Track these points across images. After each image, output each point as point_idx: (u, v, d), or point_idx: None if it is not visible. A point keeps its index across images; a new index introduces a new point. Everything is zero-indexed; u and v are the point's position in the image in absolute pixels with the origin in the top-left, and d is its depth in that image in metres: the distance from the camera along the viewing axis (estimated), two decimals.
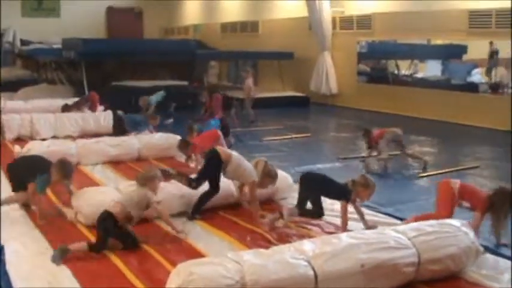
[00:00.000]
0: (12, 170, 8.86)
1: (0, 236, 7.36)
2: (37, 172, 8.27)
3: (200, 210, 8.48)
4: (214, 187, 8.54)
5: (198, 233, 7.84)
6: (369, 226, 7.83)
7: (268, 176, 8.51)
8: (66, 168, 8.40)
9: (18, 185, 8.64)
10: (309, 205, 8.50)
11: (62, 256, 6.80)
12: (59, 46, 24.09)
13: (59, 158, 8.73)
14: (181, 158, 12.25)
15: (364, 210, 8.49)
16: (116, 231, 7.23)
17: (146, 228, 7.89)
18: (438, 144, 15.46)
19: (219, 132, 12.14)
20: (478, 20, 17.85)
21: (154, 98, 17.48)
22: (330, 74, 22.95)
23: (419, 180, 11.30)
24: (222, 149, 8.95)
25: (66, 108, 16.22)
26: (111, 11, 36.69)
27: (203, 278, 5.37)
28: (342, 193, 7.98)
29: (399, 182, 11.07)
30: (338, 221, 8.17)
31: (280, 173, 9.54)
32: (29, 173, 8.34)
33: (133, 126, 14.48)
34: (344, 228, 7.80)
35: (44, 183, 8.26)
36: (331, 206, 8.72)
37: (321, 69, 23.02)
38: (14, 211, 8.55)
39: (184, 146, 11.59)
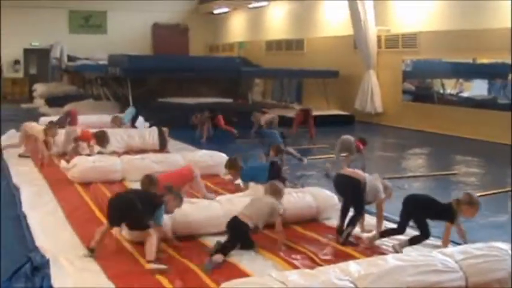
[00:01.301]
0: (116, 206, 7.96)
1: None
2: (150, 207, 7.85)
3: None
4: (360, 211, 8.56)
5: (241, 252, 7.78)
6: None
7: (386, 189, 8.58)
8: (179, 194, 8.31)
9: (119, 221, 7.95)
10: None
11: (214, 266, 7.19)
12: (105, 62, 24.35)
13: (166, 185, 8.49)
14: (226, 175, 12.17)
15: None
16: (245, 238, 7.78)
17: (190, 246, 7.90)
18: (484, 165, 15.28)
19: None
20: None
21: (127, 115, 17.37)
22: (375, 92, 22.88)
23: None
24: (353, 171, 8.92)
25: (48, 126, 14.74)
26: (157, 27, 36.99)
27: None
28: (447, 214, 7.85)
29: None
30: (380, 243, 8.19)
31: (325, 192, 9.52)
32: (144, 210, 7.82)
33: None
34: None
35: (162, 215, 7.97)
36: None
37: (366, 88, 22.96)
38: None
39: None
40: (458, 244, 7.67)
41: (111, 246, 7.90)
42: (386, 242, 8.30)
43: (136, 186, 11.37)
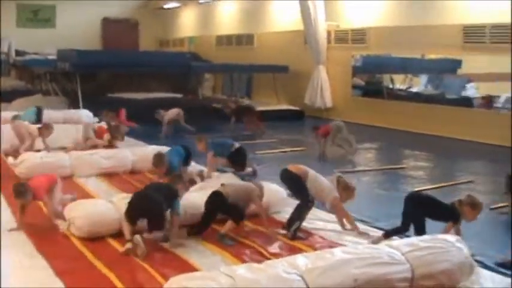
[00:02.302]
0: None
1: None
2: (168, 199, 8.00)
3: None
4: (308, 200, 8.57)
5: (190, 247, 7.79)
6: None
7: (347, 190, 8.48)
8: (185, 181, 8.58)
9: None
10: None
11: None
12: (54, 57, 24.07)
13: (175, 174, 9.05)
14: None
15: (359, 225, 8.53)
16: (225, 207, 8.11)
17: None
18: (433, 159, 15.45)
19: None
20: (473, 35, 17.89)
21: (25, 115, 15.86)
22: (325, 87, 22.96)
23: None
24: (296, 166, 8.83)
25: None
26: (106, 22, 36.70)
27: None
28: (450, 215, 7.70)
29: (393, 196, 11.04)
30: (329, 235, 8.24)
31: (273, 187, 9.55)
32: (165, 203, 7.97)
33: None
34: None
35: (180, 204, 8.15)
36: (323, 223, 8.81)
37: (315, 83, 23.03)
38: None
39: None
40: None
41: (59, 242, 7.85)
42: (335, 235, 8.39)
43: (85, 182, 11.42)
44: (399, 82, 23.97)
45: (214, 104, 22.33)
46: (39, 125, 14.16)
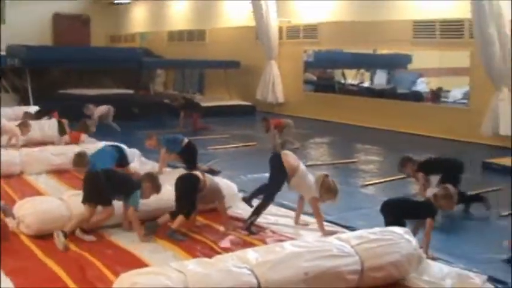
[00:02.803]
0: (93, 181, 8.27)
1: None
2: (125, 188, 8.20)
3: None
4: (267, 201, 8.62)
5: (142, 243, 7.79)
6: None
7: (329, 192, 8.28)
8: (158, 181, 8.40)
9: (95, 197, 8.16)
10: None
11: (154, 231, 7.93)
12: (3, 53, 23.74)
13: (147, 172, 8.98)
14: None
15: (308, 218, 8.58)
16: (192, 195, 8.22)
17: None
18: (383, 153, 15.60)
19: None
20: (422, 31, 18.09)
21: None
22: (276, 83, 23.01)
23: (364, 189, 11.39)
24: (288, 160, 8.69)
25: None
26: (57, 17, 36.24)
27: None
28: (428, 211, 7.59)
29: (344, 190, 11.11)
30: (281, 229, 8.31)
31: (225, 182, 9.58)
32: (116, 189, 8.21)
33: None
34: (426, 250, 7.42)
35: (137, 198, 8.16)
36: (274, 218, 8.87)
37: (267, 78, 23.07)
38: None
39: None
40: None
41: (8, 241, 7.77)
42: (286, 229, 8.44)
43: (35, 179, 11.30)
44: (351, 77, 24.17)
45: (165, 100, 22.25)
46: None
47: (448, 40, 17.46)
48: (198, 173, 8.71)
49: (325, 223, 8.51)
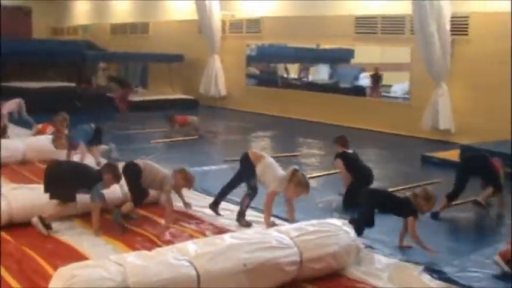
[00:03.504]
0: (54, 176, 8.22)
1: None
2: (86, 181, 8.16)
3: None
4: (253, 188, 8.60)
5: (81, 236, 7.74)
6: None
7: (299, 185, 8.19)
8: (118, 171, 8.35)
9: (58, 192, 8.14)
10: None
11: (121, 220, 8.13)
12: None
13: (107, 163, 8.92)
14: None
15: (249, 211, 8.62)
16: (137, 183, 8.34)
17: (29, 233, 7.75)
18: (325, 147, 15.67)
19: None
20: (365, 26, 18.28)
21: None
22: (219, 76, 23.02)
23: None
24: (253, 152, 8.87)
25: None
26: None
27: (85, 281, 5.33)
28: (409, 210, 7.56)
29: None
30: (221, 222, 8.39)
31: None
32: (77, 182, 8.17)
33: None
34: (424, 245, 7.46)
35: (98, 191, 8.15)
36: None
37: (210, 72, 23.06)
38: None
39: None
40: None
41: None
42: (227, 221, 8.48)
43: None
44: (294, 71, 24.28)
45: (108, 94, 22.09)
46: None
47: (390, 36, 17.69)
48: (138, 161, 8.74)
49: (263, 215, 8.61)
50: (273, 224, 8.08)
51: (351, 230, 6.92)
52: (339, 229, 6.82)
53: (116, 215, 8.16)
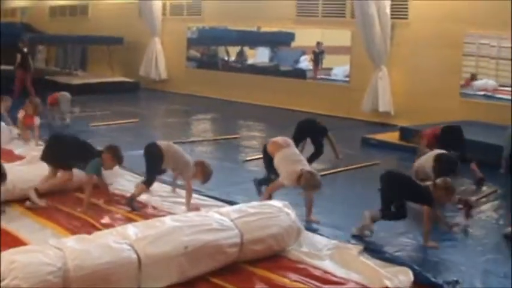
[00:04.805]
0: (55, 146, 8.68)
1: None
2: (85, 155, 8.34)
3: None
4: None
5: (20, 222, 7.62)
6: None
7: (308, 186, 7.93)
8: (119, 153, 8.37)
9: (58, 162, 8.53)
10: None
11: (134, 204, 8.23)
12: None
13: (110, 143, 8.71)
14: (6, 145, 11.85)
15: (194, 194, 8.61)
16: (155, 165, 8.50)
17: None
18: (265, 129, 15.75)
19: None
20: (305, 9, 18.35)
21: None
22: (160, 59, 22.92)
23: (245, 164, 11.51)
24: (273, 142, 8.77)
25: None
26: None
27: (24, 266, 5.24)
28: (426, 198, 7.42)
29: (226, 166, 11.21)
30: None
31: None
32: (75, 155, 8.41)
33: None
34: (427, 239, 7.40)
35: (97, 167, 8.36)
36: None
37: (150, 55, 22.95)
38: None
39: None
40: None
41: None
42: (167, 203, 8.46)
43: None
44: (234, 54, 24.21)
45: (47, 77, 21.78)
46: None
47: (330, 19, 17.81)
48: (161, 142, 8.76)
49: (205, 198, 8.63)
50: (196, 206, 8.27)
51: (291, 212, 6.95)
52: (279, 211, 6.84)
53: (129, 201, 8.29)
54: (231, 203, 8.21)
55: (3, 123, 12.21)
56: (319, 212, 8.09)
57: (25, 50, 19.22)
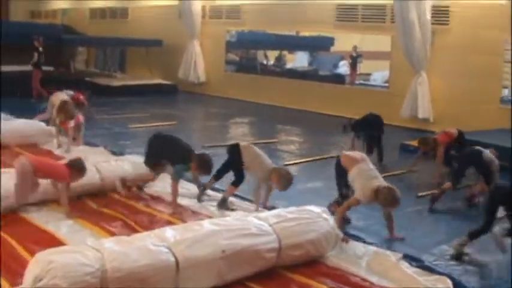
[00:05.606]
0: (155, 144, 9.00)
1: None
2: (177, 157, 8.55)
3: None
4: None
5: (59, 222, 7.64)
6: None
7: (385, 203, 7.54)
8: (205, 164, 8.49)
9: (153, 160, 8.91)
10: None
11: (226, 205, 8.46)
12: None
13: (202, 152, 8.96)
14: (44, 145, 11.97)
15: (233, 199, 8.60)
16: (237, 164, 8.59)
17: (6, 218, 7.62)
18: (304, 134, 15.71)
19: None
20: (345, 14, 18.27)
21: None
22: (198, 62, 22.95)
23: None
24: (346, 156, 8.26)
25: None
26: None
27: (62, 266, 5.25)
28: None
29: None
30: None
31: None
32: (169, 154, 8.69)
33: None
34: None
35: (182, 172, 8.58)
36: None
37: (189, 58, 22.99)
38: None
39: None
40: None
41: None
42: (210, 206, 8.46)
43: None
44: (273, 58, 24.25)
45: (87, 78, 21.94)
46: None
47: (370, 24, 17.70)
48: (242, 143, 8.93)
49: (246, 202, 8.65)
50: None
51: (330, 218, 6.91)
52: (318, 216, 6.81)
53: (222, 202, 8.49)
54: (270, 207, 8.19)
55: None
56: (357, 218, 8.03)
57: (40, 49, 19.27)
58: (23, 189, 7.86)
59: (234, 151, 8.68)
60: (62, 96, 13.19)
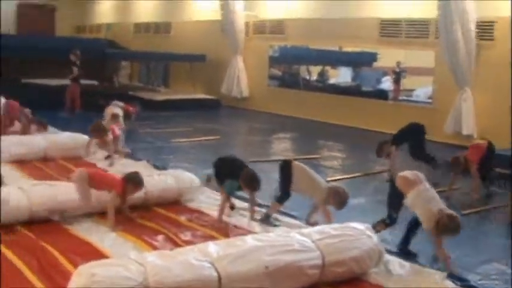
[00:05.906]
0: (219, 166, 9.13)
1: None
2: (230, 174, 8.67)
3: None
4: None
5: (102, 234, 7.69)
6: None
7: (446, 231, 7.21)
8: (250, 181, 8.54)
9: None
10: None
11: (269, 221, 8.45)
12: None
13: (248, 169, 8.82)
14: (88, 158, 12.08)
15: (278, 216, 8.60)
16: (286, 182, 8.58)
17: (49, 229, 7.71)
18: (346, 150, 15.65)
19: None
20: (388, 29, 18.18)
21: None
22: (242, 77, 22.99)
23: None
24: (403, 177, 7.73)
25: None
26: (22, 7, 35.86)
27: (105, 279, 5.27)
28: None
29: None
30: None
31: (187, 175, 9.56)
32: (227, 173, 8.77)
33: None
34: None
35: (232, 188, 8.67)
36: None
37: (232, 73, 23.04)
38: None
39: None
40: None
41: None
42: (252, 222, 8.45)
43: None
44: (316, 73, 24.23)
45: (130, 92, 22.11)
46: None
47: (414, 40, 17.59)
48: (294, 162, 8.89)
49: (290, 219, 8.63)
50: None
51: (373, 235, 6.85)
52: (361, 233, 6.74)
53: (265, 218, 8.52)
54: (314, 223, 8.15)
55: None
56: (397, 235, 7.95)
57: (78, 63, 19.29)
58: (83, 192, 8.11)
59: (285, 167, 8.67)
60: (113, 109, 13.49)
